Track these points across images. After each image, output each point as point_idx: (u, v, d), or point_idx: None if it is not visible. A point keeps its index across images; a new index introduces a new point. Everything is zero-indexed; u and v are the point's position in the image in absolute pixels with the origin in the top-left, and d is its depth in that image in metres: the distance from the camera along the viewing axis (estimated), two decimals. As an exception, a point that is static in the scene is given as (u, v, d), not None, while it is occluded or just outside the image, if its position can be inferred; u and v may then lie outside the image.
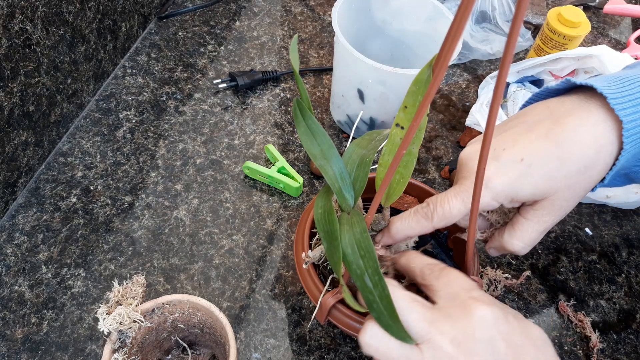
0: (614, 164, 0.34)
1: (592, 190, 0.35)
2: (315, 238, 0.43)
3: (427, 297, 0.33)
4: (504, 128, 0.36)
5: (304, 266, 0.39)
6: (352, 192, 0.36)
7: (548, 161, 0.33)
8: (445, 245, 0.44)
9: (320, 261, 0.41)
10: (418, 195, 0.47)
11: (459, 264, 0.43)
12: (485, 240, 0.41)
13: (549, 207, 0.34)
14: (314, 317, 0.39)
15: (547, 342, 0.31)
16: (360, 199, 0.38)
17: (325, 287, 0.38)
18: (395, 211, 0.46)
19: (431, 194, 0.47)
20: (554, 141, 0.33)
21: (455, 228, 0.44)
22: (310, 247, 0.41)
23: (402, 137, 0.33)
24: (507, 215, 0.39)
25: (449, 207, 0.34)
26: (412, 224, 0.36)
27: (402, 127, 0.33)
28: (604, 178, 0.35)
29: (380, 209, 0.40)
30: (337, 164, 0.36)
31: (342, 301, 0.37)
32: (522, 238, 0.36)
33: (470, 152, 0.36)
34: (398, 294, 0.30)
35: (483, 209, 0.35)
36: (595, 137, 0.33)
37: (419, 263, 0.35)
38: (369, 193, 0.41)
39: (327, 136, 0.36)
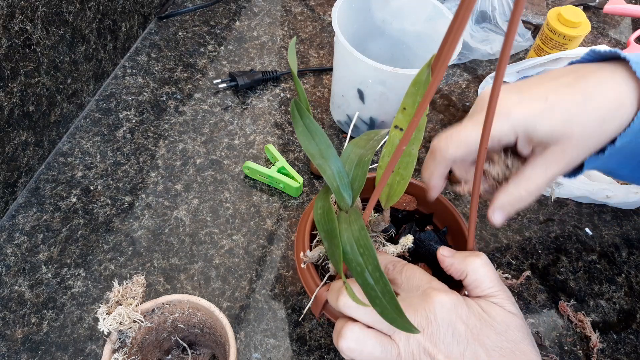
0: (628, 126, 0.33)
1: (602, 152, 0.35)
2: (315, 240, 0.43)
3: None
4: (528, 81, 0.36)
5: (302, 265, 0.40)
6: (350, 191, 0.36)
7: (570, 105, 0.33)
8: (445, 242, 0.44)
9: (319, 261, 0.41)
10: (417, 193, 0.47)
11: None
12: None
13: (559, 154, 0.34)
14: (308, 308, 0.39)
15: (510, 326, 0.32)
16: (359, 199, 0.38)
17: (323, 282, 0.38)
18: (394, 211, 0.46)
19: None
20: (578, 89, 0.33)
21: (455, 224, 0.44)
22: (310, 248, 0.41)
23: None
24: (509, 169, 0.37)
25: (465, 134, 0.34)
26: (429, 163, 0.36)
27: (401, 129, 0.33)
28: (614, 140, 0.34)
29: (381, 210, 0.40)
30: (335, 164, 0.36)
31: None
32: (527, 186, 0.35)
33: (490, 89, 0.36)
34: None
35: (498, 139, 0.34)
36: (618, 93, 0.33)
37: (384, 260, 0.37)
38: (369, 193, 0.41)
39: (325, 136, 0.37)
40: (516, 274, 0.54)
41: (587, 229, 0.58)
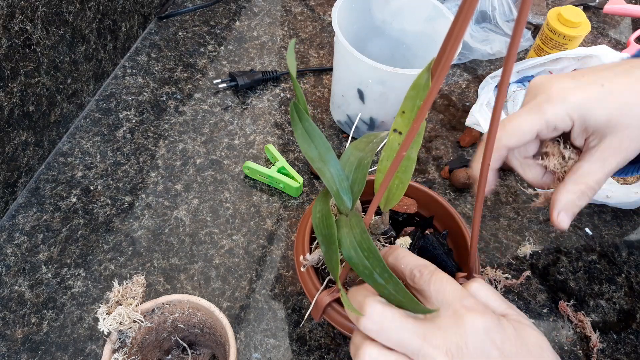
0: None
1: None
2: (315, 242, 0.43)
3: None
4: (579, 70, 0.35)
5: (302, 269, 0.39)
6: (350, 194, 0.36)
7: (627, 94, 0.32)
8: (445, 244, 0.44)
9: (319, 264, 0.41)
10: (418, 196, 0.47)
11: (459, 263, 0.43)
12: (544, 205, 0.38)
13: (616, 145, 0.32)
14: (309, 314, 0.39)
15: (544, 348, 0.30)
16: (359, 202, 0.38)
17: (322, 286, 0.38)
18: (394, 213, 0.46)
19: (430, 196, 0.47)
20: (635, 77, 0.32)
21: (455, 227, 0.44)
22: (310, 251, 0.41)
23: (400, 143, 0.33)
24: (566, 162, 0.36)
25: (518, 122, 0.32)
26: (479, 156, 0.34)
27: (400, 133, 0.33)
28: None
29: (380, 213, 0.40)
30: (335, 167, 0.36)
31: (337, 300, 0.37)
32: (587, 182, 0.33)
33: (542, 78, 0.35)
34: (388, 312, 0.29)
35: (555, 125, 0.33)
36: None
37: (409, 264, 0.33)
38: (369, 196, 0.41)
39: (324, 139, 0.36)
40: (516, 274, 0.54)
41: (587, 229, 0.58)
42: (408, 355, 0.28)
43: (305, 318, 0.48)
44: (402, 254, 0.34)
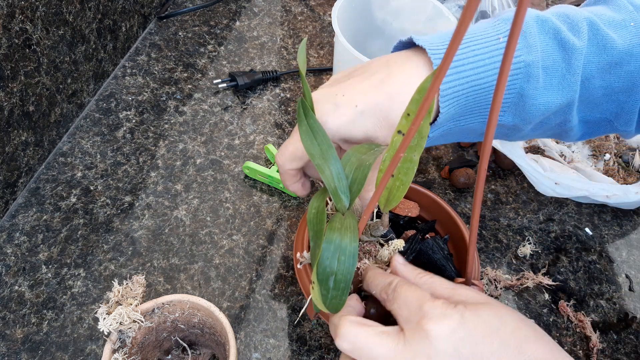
0: (435, 119, 0.37)
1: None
2: None
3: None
4: (348, 75, 0.39)
5: (299, 266, 0.40)
6: (348, 193, 0.36)
7: (377, 111, 0.36)
8: (445, 249, 0.44)
9: None
10: (420, 200, 0.47)
11: (460, 268, 0.43)
12: None
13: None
14: (303, 311, 0.39)
15: (505, 320, 0.30)
16: (359, 201, 0.38)
17: None
18: (395, 216, 0.46)
19: (433, 199, 0.46)
20: (384, 93, 0.36)
21: (457, 232, 0.44)
22: (308, 249, 0.41)
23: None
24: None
25: (292, 148, 0.39)
26: (281, 177, 0.42)
27: (404, 134, 0.33)
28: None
29: (380, 215, 0.40)
30: (335, 165, 0.36)
31: None
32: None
33: (314, 94, 0.39)
34: (361, 332, 0.30)
35: None
36: (417, 76, 0.36)
37: (377, 286, 0.33)
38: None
39: (327, 137, 0.37)
40: (516, 274, 0.54)
41: (587, 229, 0.58)
42: None
43: (300, 315, 0.48)
44: (371, 276, 0.35)
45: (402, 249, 0.39)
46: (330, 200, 0.40)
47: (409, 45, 0.39)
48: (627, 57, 0.37)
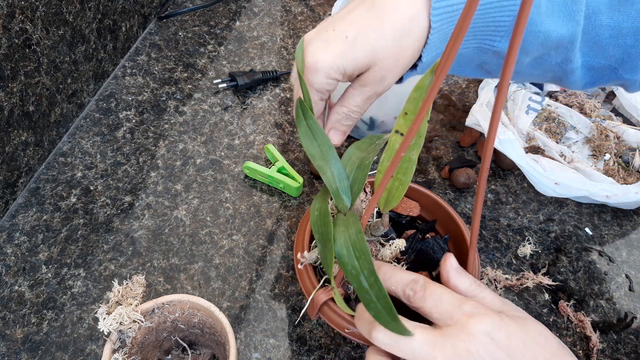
0: (426, 43, 0.35)
1: (415, 69, 0.37)
2: (315, 241, 0.43)
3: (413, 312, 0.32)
4: (333, 16, 0.38)
5: (299, 266, 0.40)
6: (350, 193, 0.36)
7: (369, 33, 0.34)
8: (445, 249, 0.44)
9: (317, 263, 0.41)
10: (420, 200, 0.47)
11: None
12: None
13: (370, 77, 0.36)
14: (304, 311, 0.39)
15: (547, 337, 0.31)
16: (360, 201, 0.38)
17: (319, 285, 0.38)
18: (397, 216, 0.46)
19: (433, 199, 0.46)
20: (374, 14, 0.34)
21: (457, 231, 0.44)
22: (309, 249, 0.41)
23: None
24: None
25: (321, 61, 0.36)
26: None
27: (402, 134, 0.33)
28: (421, 56, 0.36)
29: (380, 214, 0.40)
30: (336, 165, 0.36)
31: (333, 299, 0.37)
32: (349, 104, 0.38)
33: (301, 43, 0.38)
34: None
35: (327, 90, 0.37)
36: (411, 6, 0.34)
37: (398, 283, 0.33)
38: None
39: (326, 137, 0.37)
40: (516, 274, 0.54)
41: (587, 229, 0.58)
42: None
43: (300, 315, 0.48)
44: (389, 272, 0.34)
45: (404, 249, 0.39)
46: (331, 199, 0.40)
47: None
48: None
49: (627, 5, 0.35)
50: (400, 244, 0.39)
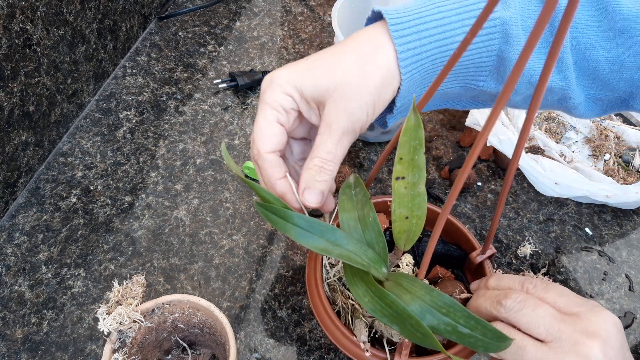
0: (397, 92, 0.34)
1: (391, 111, 0.36)
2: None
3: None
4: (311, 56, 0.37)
5: (367, 354, 0.36)
6: (380, 258, 0.34)
7: (329, 57, 0.33)
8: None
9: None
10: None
11: (470, 277, 0.44)
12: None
13: (334, 109, 0.33)
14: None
15: (618, 327, 0.33)
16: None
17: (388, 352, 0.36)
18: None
19: (433, 211, 0.46)
20: (337, 50, 0.34)
21: (466, 242, 0.44)
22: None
23: (407, 186, 0.33)
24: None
25: (259, 126, 0.35)
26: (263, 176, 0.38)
27: (403, 178, 0.33)
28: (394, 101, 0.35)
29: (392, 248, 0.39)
30: (350, 243, 0.33)
31: None
32: (317, 154, 0.34)
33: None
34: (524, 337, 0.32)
35: (281, 106, 0.34)
36: (372, 36, 0.33)
37: (485, 302, 0.35)
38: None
39: (322, 223, 0.33)
40: (516, 274, 0.53)
41: (587, 229, 0.58)
42: None
43: None
44: (472, 305, 0.37)
45: (413, 261, 0.40)
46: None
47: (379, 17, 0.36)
48: (636, 25, 0.32)
49: (626, 39, 0.33)
50: (409, 258, 0.39)
